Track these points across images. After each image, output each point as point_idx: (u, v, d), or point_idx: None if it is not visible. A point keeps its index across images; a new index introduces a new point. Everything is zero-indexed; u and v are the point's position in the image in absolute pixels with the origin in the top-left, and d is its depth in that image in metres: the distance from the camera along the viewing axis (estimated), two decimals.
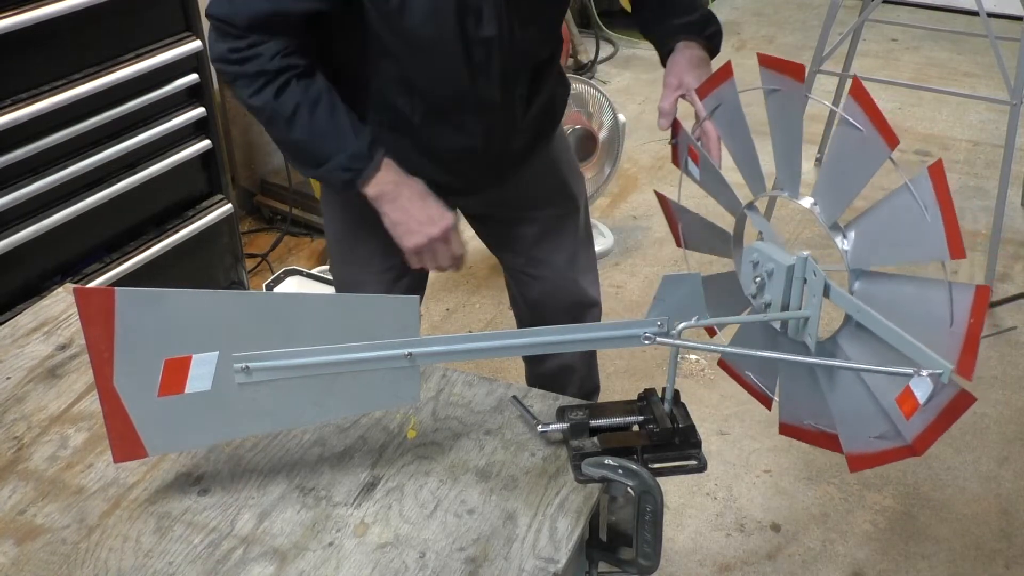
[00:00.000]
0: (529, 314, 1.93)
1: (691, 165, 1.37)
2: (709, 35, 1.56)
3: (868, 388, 1.13)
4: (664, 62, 1.59)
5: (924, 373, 1.00)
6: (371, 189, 1.45)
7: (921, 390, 1.03)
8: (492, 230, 1.85)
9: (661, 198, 1.52)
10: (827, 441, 1.24)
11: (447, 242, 1.50)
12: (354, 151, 1.42)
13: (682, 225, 1.40)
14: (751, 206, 1.27)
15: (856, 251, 1.10)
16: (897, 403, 1.08)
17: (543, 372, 1.98)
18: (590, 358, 2.02)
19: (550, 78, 1.65)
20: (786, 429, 1.30)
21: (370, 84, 1.49)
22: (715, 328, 1.41)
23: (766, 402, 1.35)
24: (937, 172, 0.95)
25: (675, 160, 1.49)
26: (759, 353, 1.18)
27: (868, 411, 1.14)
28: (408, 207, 1.47)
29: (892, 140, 0.98)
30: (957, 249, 0.95)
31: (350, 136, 1.42)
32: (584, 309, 1.89)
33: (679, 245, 1.48)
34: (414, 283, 1.78)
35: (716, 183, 1.31)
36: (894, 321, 1.05)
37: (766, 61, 1.13)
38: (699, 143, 1.40)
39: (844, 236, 1.11)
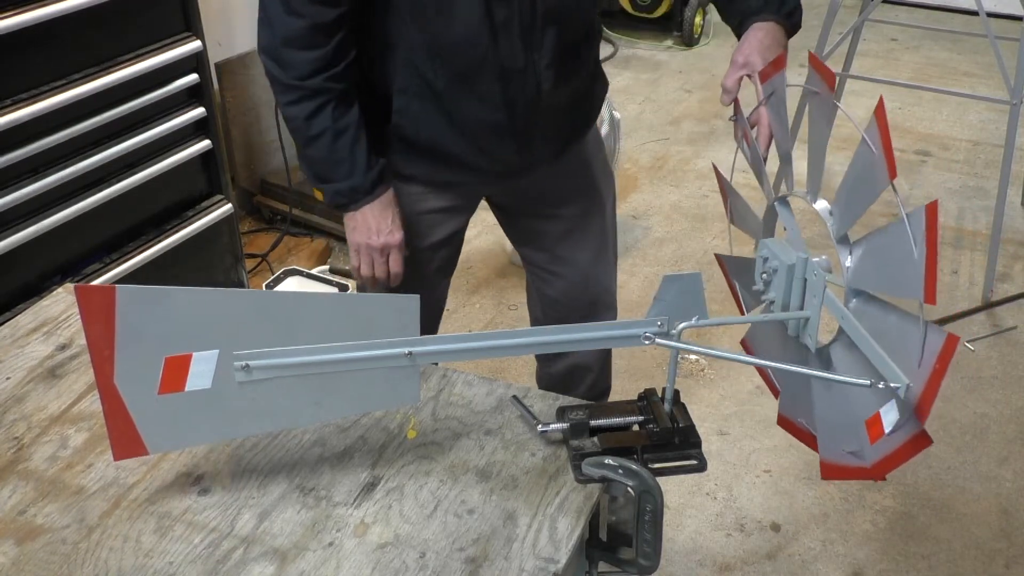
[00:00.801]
0: (544, 312, 1.93)
1: (744, 145, 1.35)
2: (788, 12, 1.50)
3: (850, 404, 1.14)
4: (738, 39, 1.52)
5: (882, 385, 1.02)
6: (354, 211, 1.58)
7: (889, 418, 1.06)
8: (518, 223, 1.85)
9: (716, 171, 1.51)
10: (813, 442, 1.25)
11: (384, 255, 1.61)
12: (356, 184, 1.54)
13: (731, 200, 1.40)
14: (783, 200, 1.27)
15: (856, 271, 1.10)
16: (866, 426, 1.10)
17: (555, 371, 1.99)
18: (605, 359, 2.01)
19: (583, 63, 1.63)
20: (782, 421, 1.32)
21: (397, 51, 1.50)
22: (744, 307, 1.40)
23: (775, 393, 1.37)
24: (931, 212, 0.96)
25: (736, 135, 1.47)
26: (740, 358, 1.18)
27: (846, 425, 1.16)
28: (367, 212, 1.57)
29: (892, 171, 0.99)
30: (931, 293, 0.97)
31: (360, 170, 1.53)
32: (602, 310, 1.89)
33: (729, 219, 1.46)
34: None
35: (758, 170, 1.31)
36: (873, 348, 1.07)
37: (815, 62, 1.13)
38: (750, 126, 1.36)
39: (850, 252, 1.11)
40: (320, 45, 1.46)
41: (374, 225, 1.58)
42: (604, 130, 3.17)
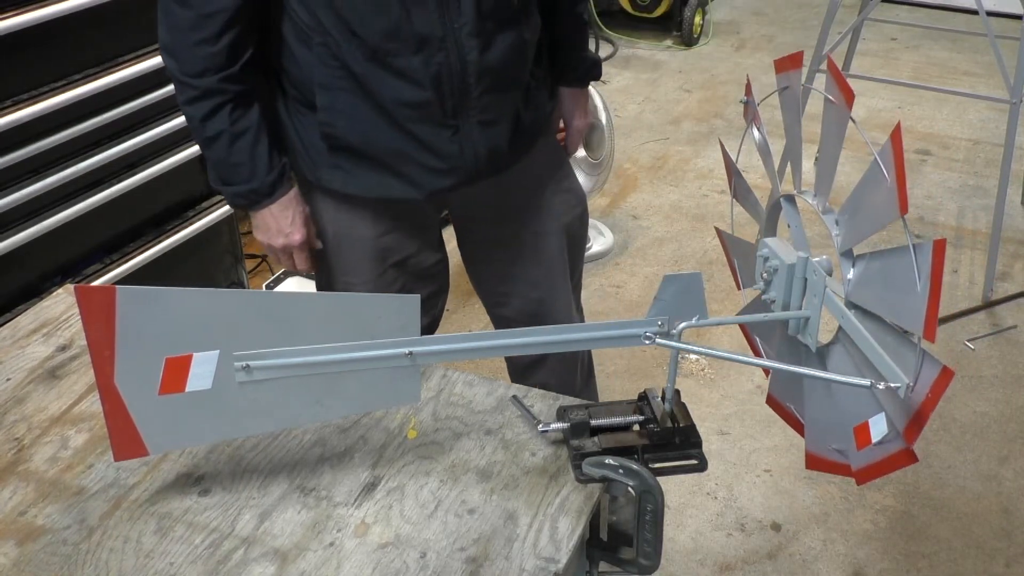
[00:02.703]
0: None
1: (754, 129, 1.34)
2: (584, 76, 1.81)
3: (841, 404, 1.14)
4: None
5: (882, 385, 1.02)
6: (255, 212, 1.59)
7: (877, 429, 1.07)
8: (472, 242, 1.81)
9: (723, 147, 1.49)
10: (800, 427, 1.26)
11: (287, 254, 1.63)
12: (256, 187, 1.53)
13: (735, 181, 1.39)
14: (790, 198, 1.26)
15: (857, 286, 1.10)
16: (854, 432, 1.11)
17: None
18: (583, 378, 1.96)
19: (519, 40, 1.53)
20: (771, 401, 1.32)
21: (312, 41, 1.46)
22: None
23: (766, 371, 1.37)
24: (939, 249, 0.97)
25: (745, 116, 1.44)
26: (740, 358, 1.17)
27: (835, 424, 1.16)
28: (267, 213, 1.58)
29: (903, 207, 0.99)
30: (931, 330, 0.97)
31: (261, 172, 1.52)
32: None
33: (732, 195, 1.45)
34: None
35: (767, 163, 1.30)
36: (865, 361, 1.07)
37: (834, 71, 1.12)
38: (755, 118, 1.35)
39: (852, 266, 1.11)
40: (210, 40, 1.43)
41: (274, 226, 1.58)
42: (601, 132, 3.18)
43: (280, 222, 1.58)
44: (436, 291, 1.81)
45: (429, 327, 1.84)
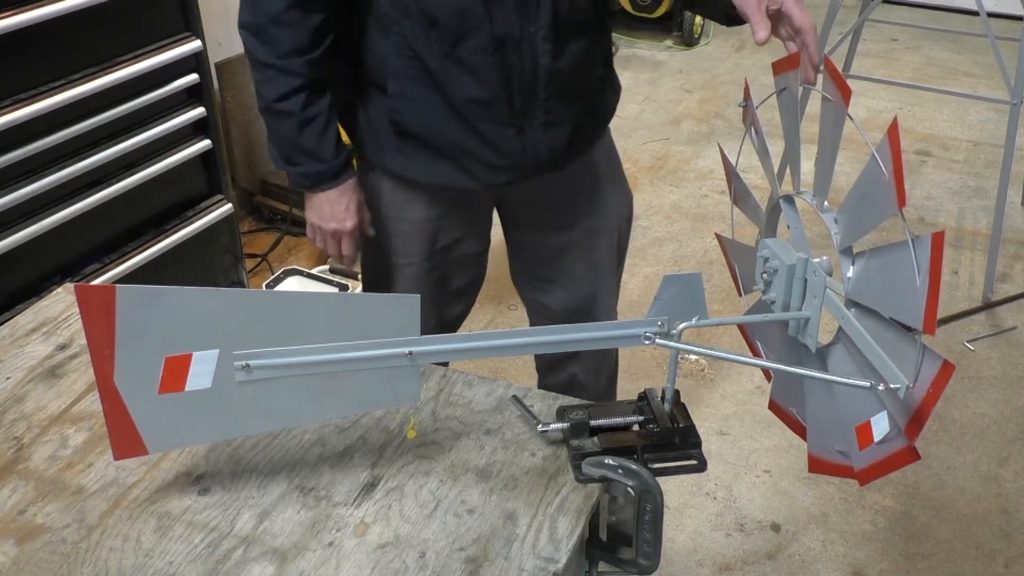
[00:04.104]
0: (543, 323, 1.91)
1: (752, 132, 1.34)
2: None
3: (842, 405, 1.15)
4: (729, 9, 1.37)
5: (882, 386, 1.02)
6: (313, 193, 1.63)
7: (879, 428, 1.07)
8: (522, 235, 1.82)
9: (722, 152, 1.49)
10: (802, 431, 1.26)
11: (335, 239, 1.66)
12: (322, 170, 1.57)
13: (735, 184, 1.39)
14: (789, 199, 1.26)
15: (856, 283, 1.10)
16: (856, 431, 1.11)
17: (551, 384, 1.98)
18: (606, 380, 1.99)
19: (589, 50, 1.56)
20: (773, 406, 1.32)
21: (391, 31, 1.49)
22: None
23: (768, 376, 1.37)
24: (937, 242, 0.97)
25: (744, 119, 1.44)
26: (740, 358, 1.17)
27: (837, 425, 1.16)
28: (324, 197, 1.61)
29: (902, 200, 0.99)
30: (930, 324, 0.97)
31: (327, 157, 1.56)
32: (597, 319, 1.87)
33: (732, 200, 1.45)
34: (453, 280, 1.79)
35: (765, 163, 1.30)
36: (865, 361, 1.07)
37: (831, 69, 1.12)
38: (757, 119, 1.33)
39: (852, 262, 1.11)
40: (298, 24, 1.46)
41: (327, 210, 1.62)
42: None
43: (335, 207, 1.61)
44: (474, 280, 1.85)
45: (461, 316, 1.89)
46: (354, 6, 1.51)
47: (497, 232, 1.83)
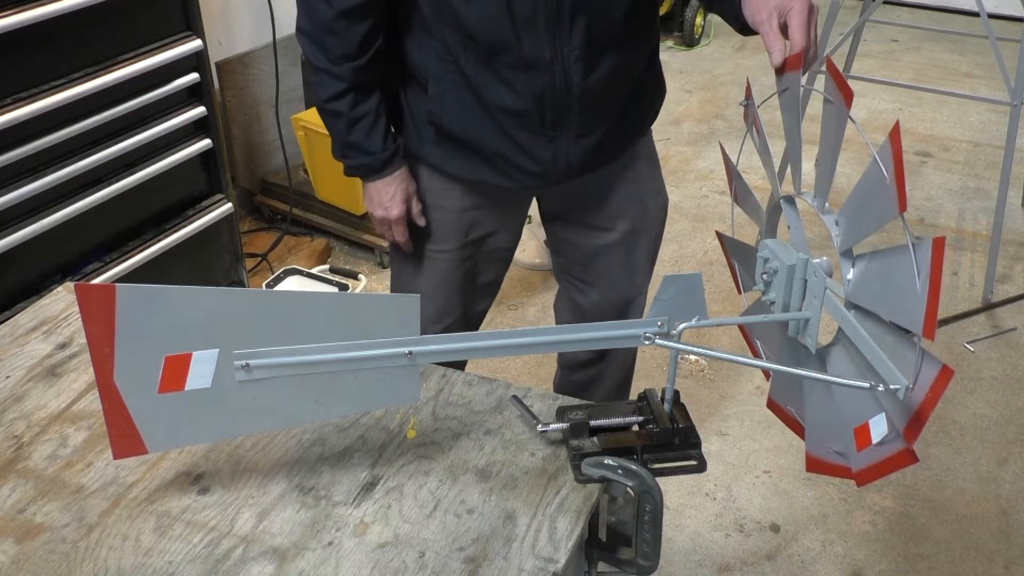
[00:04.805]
0: (574, 321, 1.92)
1: (754, 132, 1.33)
2: None
3: (841, 406, 1.15)
4: (741, 17, 1.37)
5: (881, 387, 1.02)
6: (366, 183, 1.70)
7: (877, 430, 1.07)
8: (562, 231, 1.84)
9: (723, 150, 1.49)
10: (800, 430, 1.27)
11: (385, 225, 1.73)
12: (369, 163, 1.65)
13: (735, 183, 1.39)
14: (790, 199, 1.26)
15: (856, 286, 1.10)
16: (855, 433, 1.11)
17: (574, 380, 2.01)
18: (624, 375, 2.01)
19: (626, 60, 1.58)
20: (771, 404, 1.33)
21: (432, 36, 1.54)
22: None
23: (766, 375, 1.37)
24: (938, 247, 0.97)
25: (745, 118, 1.43)
26: (740, 359, 1.17)
27: (835, 426, 1.16)
28: (374, 187, 1.69)
29: (902, 204, 0.99)
30: (930, 329, 0.97)
31: (375, 151, 1.63)
32: (626, 312, 1.88)
33: (733, 198, 1.44)
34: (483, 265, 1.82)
35: (767, 165, 1.30)
36: (865, 362, 1.07)
37: (832, 71, 1.12)
38: (758, 118, 1.32)
39: (852, 266, 1.11)
40: (346, 32, 1.53)
41: (376, 198, 1.69)
42: None
43: (383, 196, 1.68)
44: (498, 278, 1.89)
45: (483, 313, 1.93)
46: (399, 11, 1.57)
47: None
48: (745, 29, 1.39)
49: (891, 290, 1.04)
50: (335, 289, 2.93)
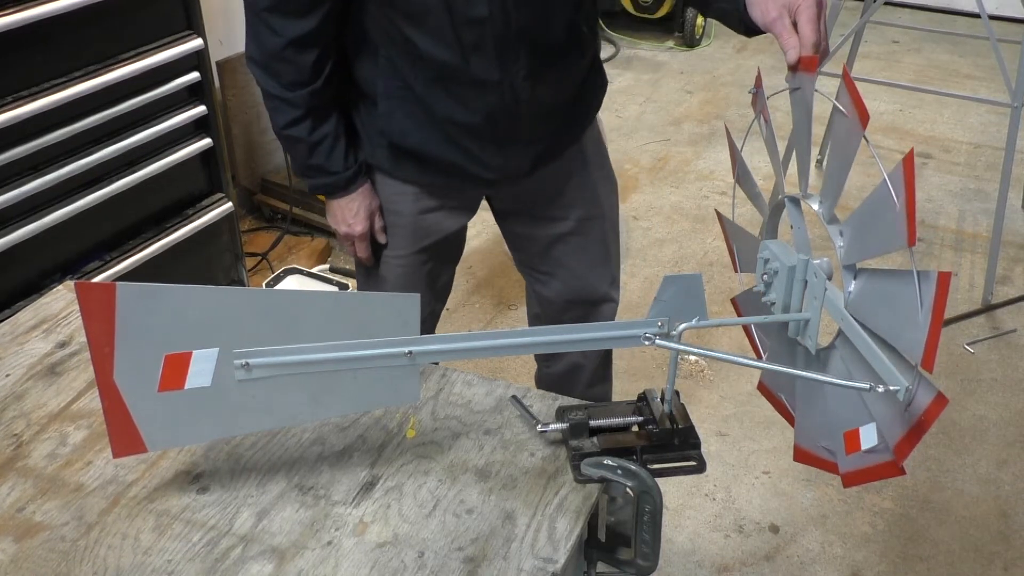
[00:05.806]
0: (542, 309, 1.94)
1: (761, 121, 1.32)
2: None
3: (834, 407, 1.15)
4: (746, 18, 1.35)
5: (881, 388, 1.02)
6: (329, 200, 1.72)
7: (867, 439, 1.08)
8: (515, 226, 1.86)
9: (727, 131, 1.48)
10: (790, 417, 1.27)
11: (348, 241, 1.75)
12: (331, 183, 1.66)
13: (738, 169, 1.38)
14: (793, 199, 1.25)
15: (856, 301, 1.10)
16: (844, 436, 1.11)
17: (554, 372, 2.01)
18: (603, 358, 2.01)
19: (570, 69, 1.62)
20: (763, 388, 1.34)
21: (379, 50, 1.55)
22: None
23: (757, 354, 1.38)
24: (943, 280, 0.97)
25: (753, 105, 1.41)
26: (739, 360, 1.17)
27: (826, 425, 1.17)
28: (336, 204, 1.70)
29: (912, 238, 0.98)
30: (930, 360, 0.97)
31: (335, 171, 1.64)
32: (602, 311, 1.90)
33: (735, 180, 1.43)
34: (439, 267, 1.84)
35: (773, 156, 1.29)
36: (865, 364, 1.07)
37: (849, 86, 1.10)
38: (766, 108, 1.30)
39: (855, 279, 1.10)
40: (295, 60, 1.53)
41: (339, 215, 1.71)
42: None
43: (346, 213, 1.70)
44: (453, 275, 1.92)
45: (440, 313, 1.94)
46: (347, 33, 1.57)
47: (497, 232, 1.84)
48: (750, 31, 1.38)
49: (892, 313, 1.03)
50: (335, 289, 2.93)
